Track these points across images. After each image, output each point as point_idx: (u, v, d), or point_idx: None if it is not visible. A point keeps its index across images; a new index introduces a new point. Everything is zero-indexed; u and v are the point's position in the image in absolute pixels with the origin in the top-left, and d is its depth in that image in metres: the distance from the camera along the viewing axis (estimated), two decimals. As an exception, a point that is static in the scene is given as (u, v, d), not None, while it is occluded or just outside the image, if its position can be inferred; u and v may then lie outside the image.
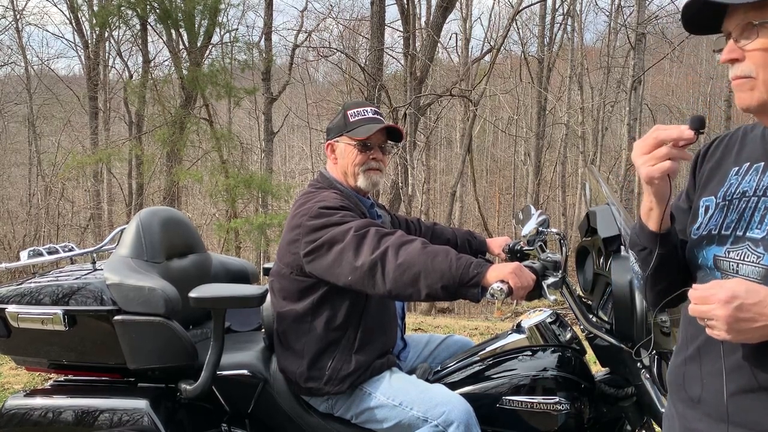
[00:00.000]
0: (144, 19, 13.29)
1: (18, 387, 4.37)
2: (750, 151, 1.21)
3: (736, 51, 1.12)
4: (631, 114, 13.89)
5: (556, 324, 2.10)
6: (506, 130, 21.54)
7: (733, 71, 1.13)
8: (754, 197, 1.15)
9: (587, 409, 1.97)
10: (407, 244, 1.80)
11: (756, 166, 1.18)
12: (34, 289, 2.11)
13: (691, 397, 1.20)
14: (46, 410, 2.06)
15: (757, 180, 1.16)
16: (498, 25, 19.93)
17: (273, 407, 2.10)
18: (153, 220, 2.30)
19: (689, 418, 1.20)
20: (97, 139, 16.18)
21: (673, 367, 1.29)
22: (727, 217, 1.18)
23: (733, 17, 1.13)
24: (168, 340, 2.00)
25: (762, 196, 1.14)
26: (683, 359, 1.24)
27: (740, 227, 1.15)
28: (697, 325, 1.12)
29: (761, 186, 1.14)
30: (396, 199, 12.48)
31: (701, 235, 1.23)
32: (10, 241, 17.76)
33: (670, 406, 1.29)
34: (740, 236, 1.14)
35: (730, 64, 1.13)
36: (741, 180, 1.19)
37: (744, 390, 1.10)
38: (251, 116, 21.86)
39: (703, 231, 1.23)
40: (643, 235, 1.26)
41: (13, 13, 17.88)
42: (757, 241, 1.11)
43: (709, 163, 1.30)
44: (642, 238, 1.26)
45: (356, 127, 2.12)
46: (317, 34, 18.07)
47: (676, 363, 1.28)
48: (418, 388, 1.97)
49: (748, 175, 1.18)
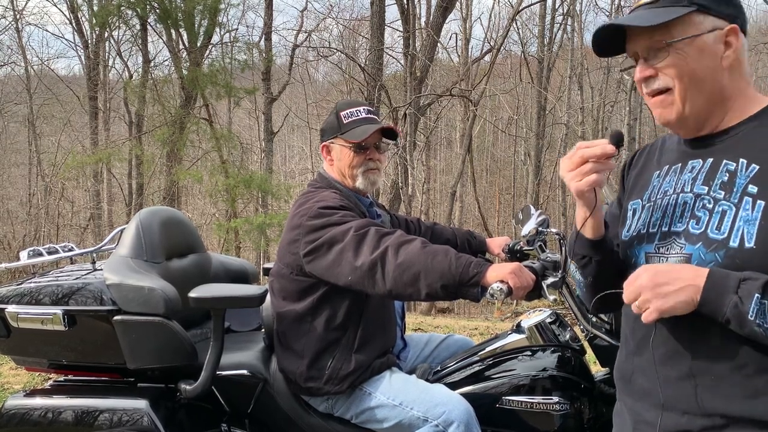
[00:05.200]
0: (144, 19, 13.29)
1: (18, 387, 4.37)
2: (668, 156, 1.34)
3: (649, 69, 1.22)
4: (631, 114, 13.90)
5: (556, 324, 2.10)
6: (506, 130, 21.51)
7: (649, 87, 1.23)
8: (674, 195, 1.26)
9: (587, 409, 1.97)
10: (407, 244, 1.80)
11: (674, 167, 1.29)
12: (34, 289, 2.11)
13: (637, 390, 1.27)
14: (46, 410, 2.06)
15: (675, 179, 1.27)
16: (498, 25, 19.92)
17: (273, 407, 2.10)
18: (153, 220, 2.30)
19: (638, 410, 1.27)
20: (97, 139, 16.17)
21: (618, 364, 1.37)
22: (652, 216, 1.29)
23: (639, 40, 1.22)
24: (168, 340, 2.00)
25: (680, 192, 1.25)
26: (626, 355, 1.33)
27: (665, 224, 1.25)
28: (636, 320, 1.21)
29: (679, 184, 1.26)
30: (396, 199, 12.47)
31: (632, 236, 1.33)
32: (10, 241, 17.75)
33: (620, 402, 1.36)
34: (666, 232, 1.25)
35: (644, 82, 1.23)
36: (662, 182, 1.31)
37: (679, 377, 1.18)
38: (251, 116, 21.83)
39: (633, 232, 1.33)
40: (580, 244, 1.36)
41: (13, 13, 17.89)
42: (679, 234, 1.22)
43: (635, 170, 1.42)
44: (579, 247, 1.37)
45: (350, 129, 2.10)
46: (317, 34, 18.08)
47: (620, 359, 1.36)
48: (418, 388, 1.97)
49: (668, 176, 1.30)
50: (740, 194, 1.15)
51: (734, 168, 1.18)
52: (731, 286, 1.08)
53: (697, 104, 1.20)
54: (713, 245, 1.15)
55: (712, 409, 1.14)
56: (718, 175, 1.20)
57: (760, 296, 1.05)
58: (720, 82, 1.20)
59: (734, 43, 1.18)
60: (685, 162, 1.27)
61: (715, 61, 1.18)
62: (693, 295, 1.09)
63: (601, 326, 1.97)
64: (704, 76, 1.19)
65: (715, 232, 1.16)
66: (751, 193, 1.14)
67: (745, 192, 1.14)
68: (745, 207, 1.13)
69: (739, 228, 1.13)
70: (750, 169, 1.16)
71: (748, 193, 1.14)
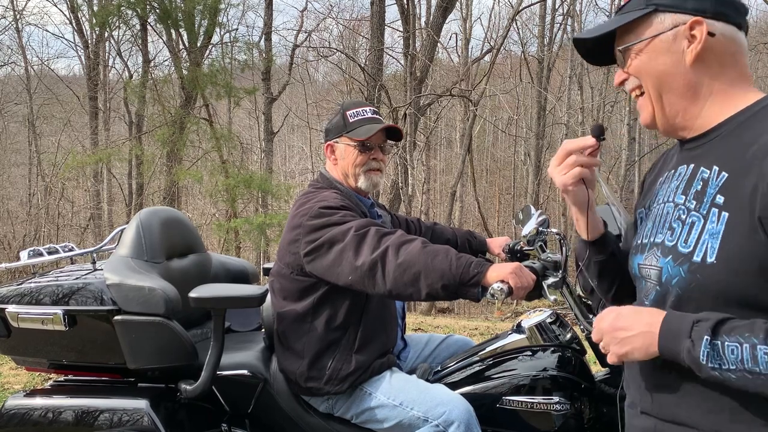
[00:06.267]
0: (144, 19, 13.29)
1: (18, 387, 4.37)
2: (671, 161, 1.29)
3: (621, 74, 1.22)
4: (631, 114, 13.90)
5: (556, 324, 2.10)
6: (506, 130, 21.51)
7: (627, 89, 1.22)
8: (662, 204, 1.21)
9: (587, 409, 1.97)
10: (407, 244, 1.80)
11: (669, 173, 1.25)
12: (34, 289, 2.11)
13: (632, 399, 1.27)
14: (46, 410, 2.06)
15: (667, 187, 1.22)
16: (498, 25, 19.92)
17: (273, 407, 2.10)
18: (153, 220, 2.30)
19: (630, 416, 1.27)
20: (97, 139, 16.17)
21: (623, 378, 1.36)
22: (646, 226, 1.25)
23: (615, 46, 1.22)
24: (168, 340, 2.00)
25: (666, 201, 1.20)
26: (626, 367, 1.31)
27: (652, 234, 1.21)
28: None
29: (668, 192, 1.20)
30: (396, 199, 12.47)
31: (631, 245, 1.30)
32: (10, 241, 17.75)
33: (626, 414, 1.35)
34: (651, 242, 1.20)
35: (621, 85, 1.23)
36: (660, 188, 1.26)
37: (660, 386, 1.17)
38: (251, 116, 21.84)
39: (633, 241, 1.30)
40: (580, 246, 1.35)
41: (13, 13, 17.88)
42: (658, 246, 1.17)
43: (651, 175, 1.38)
44: (580, 249, 1.36)
45: (356, 128, 2.12)
46: (317, 34, 18.12)
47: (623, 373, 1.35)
48: (418, 388, 1.97)
49: (665, 183, 1.25)
50: (709, 205, 1.08)
51: (707, 176, 1.11)
52: (685, 331, 1.03)
53: (668, 105, 1.17)
54: (680, 259, 1.10)
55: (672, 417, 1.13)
56: (694, 183, 1.14)
57: (709, 338, 1.00)
58: (687, 80, 1.14)
59: (699, 36, 1.11)
60: (677, 168, 1.22)
61: (678, 58, 1.14)
62: (649, 342, 1.08)
63: (601, 326, 1.97)
64: (668, 75, 1.15)
65: (683, 245, 1.10)
66: (717, 203, 1.07)
67: (713, 202, 1.08)
68: (711, 219, 1.07)
69: (704, 242, 1.06)
70: (720, 177, 1.09)
71: (715, 204, 1.07)
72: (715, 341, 1.00)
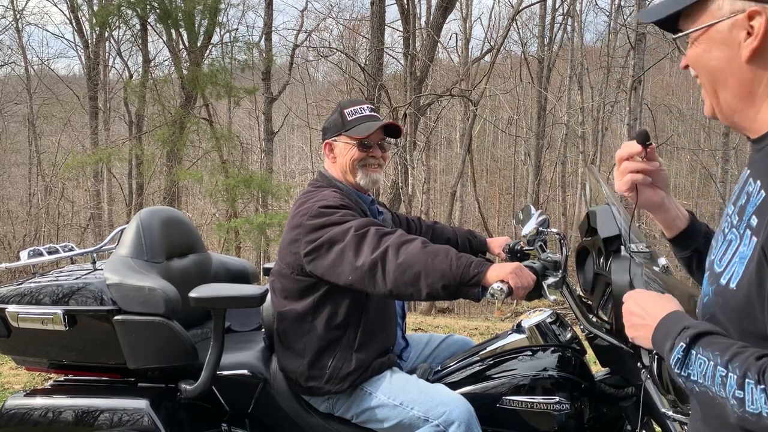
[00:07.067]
0: (144, 19, 13.30)
1: (18, 387, 4.37)
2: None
3: (684, 60, 1.11)
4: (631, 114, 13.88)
5: (556, 324, 2.10)
6: (506, 130, 21.53)
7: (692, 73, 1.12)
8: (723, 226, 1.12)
9: (587, 409, 1.97)
10: (407, 244, 1.80)
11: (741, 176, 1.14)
12: (34, 289, 2.11)
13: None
14: (46, 410, 2.06)
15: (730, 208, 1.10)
16: (498, 25, 19.93)
17: (273, 407, 2.10)
18: (153, 220, 2.30)
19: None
20: (97, 139, 16.18)
21: None
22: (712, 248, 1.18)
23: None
24: (168, 340, 2.00)
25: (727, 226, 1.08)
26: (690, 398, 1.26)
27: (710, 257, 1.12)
28: None
29: (728, 215, 1.08)
30: (396, 199, 12.48)
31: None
32: (10, 241, 17.75)
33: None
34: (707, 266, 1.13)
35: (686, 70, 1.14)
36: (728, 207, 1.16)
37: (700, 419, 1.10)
38: (251, 116, 21.85)
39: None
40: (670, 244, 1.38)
41: (13, 13, 17.88)
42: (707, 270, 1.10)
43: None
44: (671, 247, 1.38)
45: (354, 126, 2.11)
46: (317, 34, 18.13)
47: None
48: (418, 388, 1.97)
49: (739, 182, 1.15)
50: (745, 225, 0.98)
51: (751, 190, 1.00)
52: (673, 333, 1.01)
53: (724, 102, 1.05)
54: (712, 277, 1.03)
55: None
56: (742, 195, 1.03)
57: (685, 345, 0.98)
58: (742, 78, 1.01)
59: (758, 28, 0.97)
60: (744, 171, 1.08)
61: (734, 52, 1.01)
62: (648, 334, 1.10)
63: (601, 326, 1.97)
64: (722, 70, 1.03)
65: (718, 264, 1.02)
66: (751, 225, 0.96)
67: (748, 224, 0.97)
68: (744, 241, 0.96)
69: (734, 264, 0.98)
70: (759, 195, 0.97)
71: (749, 225, 0.96)
72: (690, 350, 0.98)
